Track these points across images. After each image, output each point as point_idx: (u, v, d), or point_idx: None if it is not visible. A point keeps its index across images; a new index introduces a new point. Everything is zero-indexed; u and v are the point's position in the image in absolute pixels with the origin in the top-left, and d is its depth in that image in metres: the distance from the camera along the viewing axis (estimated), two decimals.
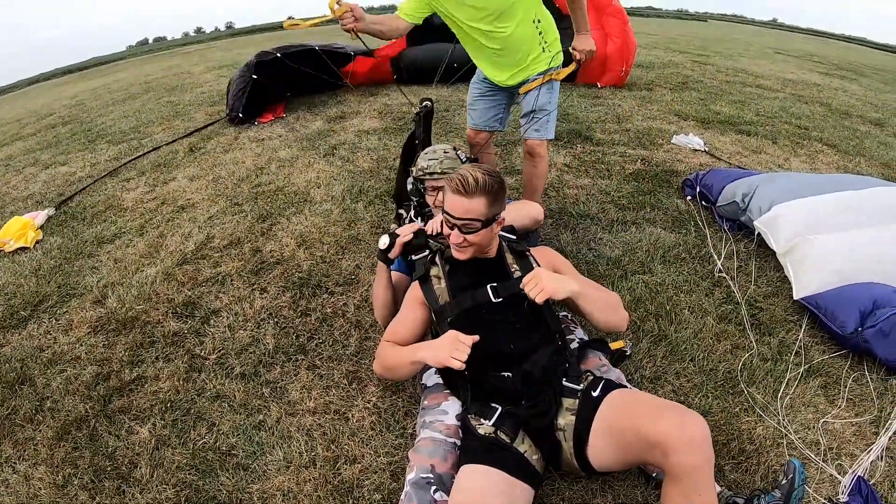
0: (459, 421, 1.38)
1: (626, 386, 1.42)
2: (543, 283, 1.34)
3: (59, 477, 1.50)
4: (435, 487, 1.21)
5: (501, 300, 1.45)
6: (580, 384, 1.34)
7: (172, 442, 1.59)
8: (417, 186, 2.05)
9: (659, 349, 1.86)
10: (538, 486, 1.27)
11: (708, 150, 3.93)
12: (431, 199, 1.99)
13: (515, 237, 1.69)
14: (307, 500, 1.39)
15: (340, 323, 2.05)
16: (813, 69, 9.66)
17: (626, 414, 1.20)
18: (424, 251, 1.65)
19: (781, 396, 1.67)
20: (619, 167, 3.50)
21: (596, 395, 1.28)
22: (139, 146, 4.56)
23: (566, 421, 1.29)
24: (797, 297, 2.05)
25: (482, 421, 1.30)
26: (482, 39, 2.08)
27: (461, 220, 1.42)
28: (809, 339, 1.93)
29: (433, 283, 1.54)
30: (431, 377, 1.56)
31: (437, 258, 1.61)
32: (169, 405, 1.72)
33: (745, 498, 1.27)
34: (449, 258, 1.57)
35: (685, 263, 2.39)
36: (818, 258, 2.07)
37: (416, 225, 1.71)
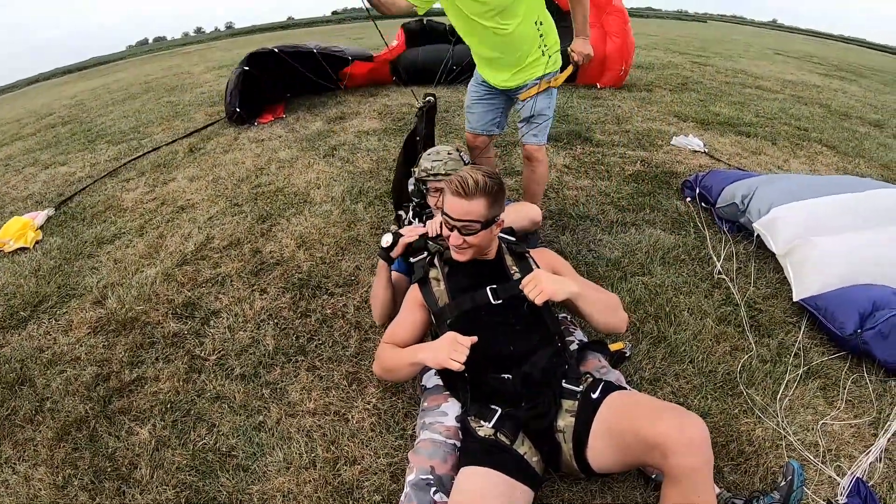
0: (459, 422, 1.38)
1: (625, 387, 1.42)
2: (542, 284, 1.34)
3: (59, 478, 1.50)
4: (435, 489, 1.22)
5: (501, 302, 1.45)
6: (580, 386, 1.34)
7: (172, 443, 1.59)
8: (419, 187, 2.04)
9: (658, 351, 1.86)
10: (538, 487, 1.27)
11: (707, 151, 3.93)
12: (434, 200, 1.99)
13: (515, 239, 1.69)
14: (307, 501, 1.39)
15: (340, 324, 2.06)
16: (812, 70, 9.68)
17: (625, 416, 1.20)
18: (423, 253, 1.65)
19: (780, 398, 1.67)
20: (618, 168, 3.51)
21: (595, 396, 1.29)
22: (139, 146, 4.56)
23: (566, 422, 1.29)
24: (797, 298, 2.05)
25: (482, 423, 1.31)
26: (484, 35, 2.07)
27: (461, 221, 1.42)
28: (808, 340, 1.93)
29: (432, 285, 1.55)
30: (431, 379, 1.56)
31: (436, 260, 1.61)
32: (169, 406, 1.72)
33: (744, 499, 1.28)
34: (448, 260, 1.57)
35: (685, 265, 2.39)
36: (818, 260, 2.07)
37: (421, 228, 1.71)
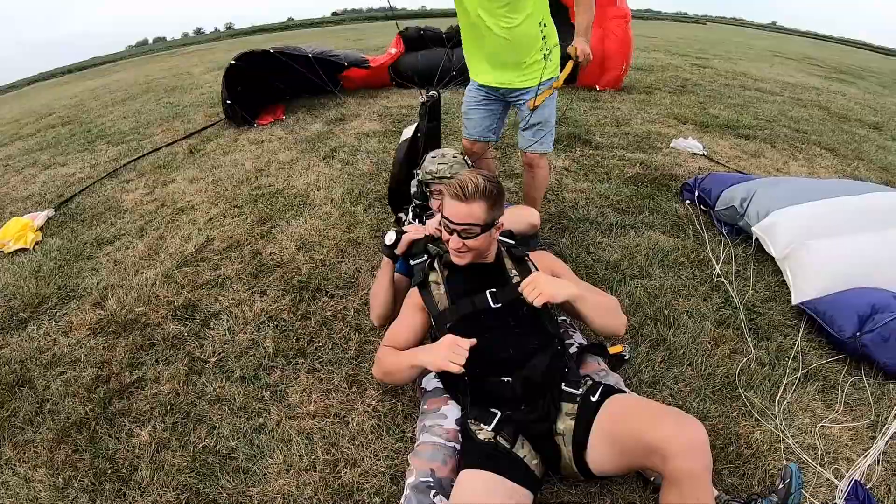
0: (459, 425, 1.39)
1: (624, 391, 1.43)
2: (541, 286, 1.34)
3: (59, 479, 1.50)
4: (435, 491, 1.22)
5: (500, 305, 1.46)
6: (579, 389, 1.35)
7: (173, 445, 1.59)
8: (422, 189, 2.04)
9: (657, 354, 1.86)
10: (537, 490, 1.28)
11: (707, 153, 3.94)
12: (437, 203, 1.99)
13: (514, 242, 1.69)
14: (307, 503, 1.39)
15: (340, 326, 2.06)
16: (812, 72, 9.70)
17: (625, 419, 1.21)
18: (423, 256, 1.66)
19: (779, 401, 1.68)
20: (618, 171, 3.51)
21: (595, 399, 1.29)
22: (139, 147, 4.56)
23: (565, 426, 1.30)
24: (796, 301, 2.06)
25: (482, 426, 1.31)
26: (486, 30, 2.03)
27: (460, 225, 1.43)
28: (807, 343, 1.94)
29: (432, 288, 1.55)
30: (431, 381, 1.56)
31: (436, 263, 1.61)
32: (169, 408, 1.72)
33: (742, 502, 1.29)
34: (447, 263, 1.57)
35: (684, 268, 2.40)
36: (817, 263, 2.08)
37: (424, 229, 1.72)
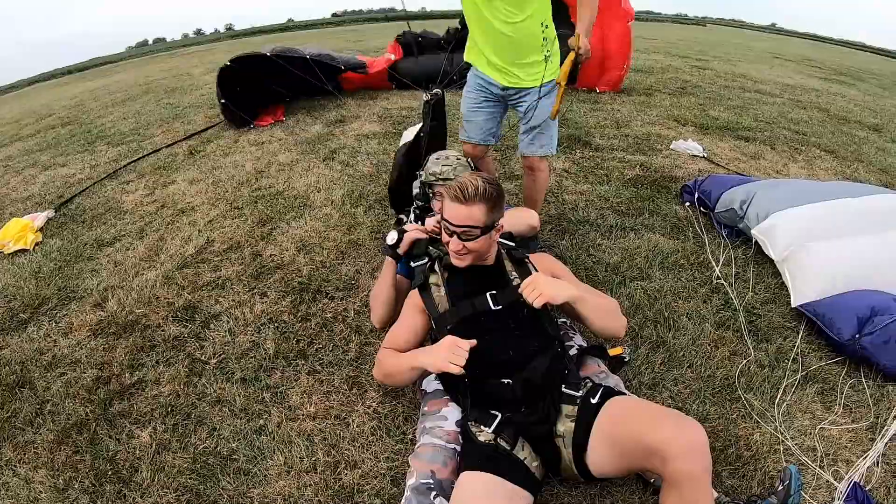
0: (459, 427, 1.39)
1: (624, 393, 1.43)
2: (541, 287, 1.35)
3: (59, 480, 1.51)
4: (435, 493, 1.22)
5: (501, 308, 1.46)
6: (579, 391, 1.35)
7: (173, 446, 1.59)
8: (425, 190, 2.04)
9: (657, 355, 1.87)
10: (537, 492, 1.28)
11: (707, 155, 3.94)
12: (439, 205, 1.99)
13: (514, 244, 1.69)
14: None
15: (341, 328, 2.06)
16: (811, 74, 9.71)
17: (625, 421, 1.21)
18: (424, 258, 1.66)
19: (778, 403, 1.68)
20: (617, 173, 3.52)
21: (595, 401, 1.29)
22: (139, 148, 4.56)
23: (565, 428, 1.30)
24: (795, 304, 2.06)
25: (482, 428, 1.31)
26: (488, 24, 2.02)
27: (460, 227, 1.43)
28: (806, 345, 1.94)
29: (432, 290, 1.55)
30: (431, 383, 1.56)
31: (435, 266, 1.61)
32: (169, 409, 1.73)
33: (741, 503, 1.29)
34: (448, 265, 1.57)
35: (683, 270, 2.40)
36: (816, 265, 2.08)
37: (424, 227, 1.72)
